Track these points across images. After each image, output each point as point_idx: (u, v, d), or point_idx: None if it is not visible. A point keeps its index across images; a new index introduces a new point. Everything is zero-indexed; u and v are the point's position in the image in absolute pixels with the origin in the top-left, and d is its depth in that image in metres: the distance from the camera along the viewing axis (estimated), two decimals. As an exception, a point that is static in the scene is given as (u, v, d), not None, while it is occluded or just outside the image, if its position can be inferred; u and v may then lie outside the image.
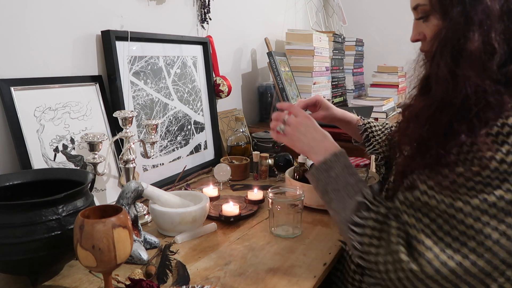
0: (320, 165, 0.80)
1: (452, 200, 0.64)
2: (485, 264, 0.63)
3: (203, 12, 1.57)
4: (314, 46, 1.95)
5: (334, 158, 0.80)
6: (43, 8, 1.03)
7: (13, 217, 0.70)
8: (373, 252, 0.69)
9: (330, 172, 0.79)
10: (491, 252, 0.62)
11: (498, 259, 0.63)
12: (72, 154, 1.05)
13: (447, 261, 0.63)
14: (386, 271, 0.67)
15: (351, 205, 0.74)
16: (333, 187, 0.78)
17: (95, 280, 0.79)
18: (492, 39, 0.65)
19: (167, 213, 0.97)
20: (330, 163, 0.79)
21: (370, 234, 0.70)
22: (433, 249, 0.64)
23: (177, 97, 1.41)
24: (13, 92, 0.95)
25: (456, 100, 0.66)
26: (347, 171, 0.78)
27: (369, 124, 1.15)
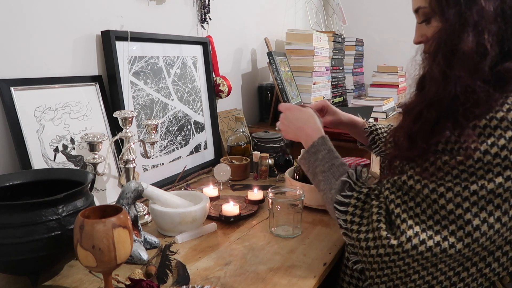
0: (309, 148, 0.88)
1: (435, 186, 0.67)
2: (464, 248, 0.65)
3: (203, 12, 1.57)
4: (314, 46, 1.95)
5: (321, 141, 0.87)
6: (43, 8, 1.03)
7: (13, 217, 0.70)
8: (355, 229, 0.73)
9: (317, 155, 0.86)
10: (471, 237, 0.65)
11: (477, 245, 0.66)
12: (72, 154, 1.05)
13: (426, 240, 0.66)
14: (367, 248, 0.71)
15: (336, 185, 0.79)
16: (320, 169, 0.84)
17: (95, 280, 0.79)
18: (485, 41, 0.66)
19: (167, 213, 0.97)
20: (318, 145, 0.87)
21: (352, 212, 0.75)
22: (414, 228, 0.67)
23: (177, 97, 1.41)
24: (13, 92, 0.95)
25: (444, 99, 0.68)
26: (332, 154, 0.85)
27: (374, 126, 1.17)
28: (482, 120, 0.64)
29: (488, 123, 0.64)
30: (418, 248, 0.66)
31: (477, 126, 0.65)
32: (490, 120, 0.64)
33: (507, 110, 0.64)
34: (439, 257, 0.66)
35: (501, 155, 0.63)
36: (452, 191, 0.65)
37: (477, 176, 0.64)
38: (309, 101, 1.96)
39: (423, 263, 0.68)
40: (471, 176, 0.65)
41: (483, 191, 0.64)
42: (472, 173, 0.65)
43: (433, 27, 0.74)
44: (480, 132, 0.64)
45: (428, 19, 0.75)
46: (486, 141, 0.64)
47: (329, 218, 1.10)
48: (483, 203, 0.64)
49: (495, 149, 0.63)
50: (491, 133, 0.64)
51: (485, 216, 0.64)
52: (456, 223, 0.65)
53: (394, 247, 0.67)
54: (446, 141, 0.67)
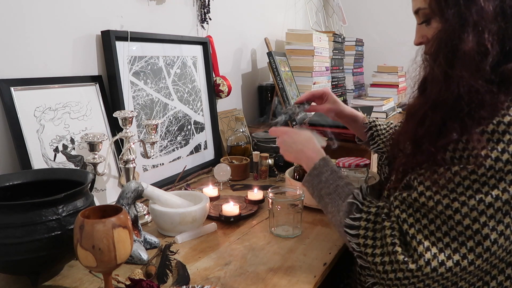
0: (311, 170, 0.86)
1: (449, 201, 0.65)
2: (483, 263, 0.64)
3: (203, 12, 1.57)
4: (314, 46, 1.95)
5: (323, 163, 0.85)
6: (43, 8, 1.03)
7: (13, 217, 0.70)
8: (369, 252, 0.71)
9: (321, 177, 0.84)
10: (489, 251, 0.63)
11: (496, 258, 0.64)
12: (72, 154, 1.05)
13: (445, 261, 0.64)
14: (384, 271, 0.68)
15: (344, 207, 0.77)
16: (326, 191, 0.82)
17: (95, 280, 0.79)
18: (486, 40, 0.65)
19: (167, 213, 0.97)
20: (320, 167, 0.85)
21: (363, 234, 0.72)
22: (431, 249, 0.65)
23: (177, 97, 1.41)
24: (13, 92, 0.95)
25: (448, 99, 0.67)
26: (335, 174, 0.83)
27: (374, 122, 1.15)
28: (490, 125, 0.63)
29: (496, 128, 0.63)
30: (438, 270, 0.64)
31: (485, 132, 0.63)
32: (497, 125, 0.63)
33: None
34: (459, 275, 0.65)
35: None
36: (467, 206, 0.63)
37: (490, 185, 0.63)
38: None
39: (443, 283, 0.66)
40: (483, 186, 0.63)
41: (498, 203, 0.63)
42: (484, 183, 0.63)
43: (433, 28, 0.74)
44: (489, 138, 0.63)
45: (428, 20, 0.75)
46: (496, 147, 0.62)
47: (329, 218, 1.09)
48: (500, 215, 0.63)
49: (506, 156, 0.62)
50: (499, 138, 0.63)
51: (502, 229, 0.63)
52: (473, 239, 0.63)
53: (413, 271, 0.65)
54: (454, 149, 0.65)
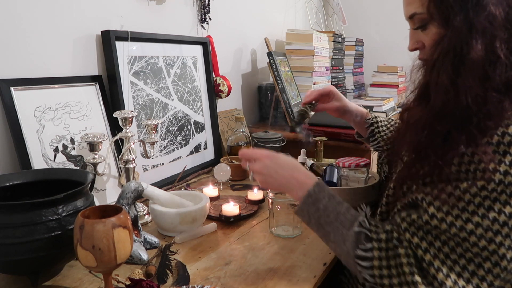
0: (305, 199, 0.77)
1: (462, 223, 0.62)
2: (501, 282, 0.63)
3: (203, 12, 1.57)
4: (314, 46, 1.95)
5: (318, 189, 0.77)
6: (43, 8, 1.03)
7: (13, 217, 0.70)
8: (386, 283, 0.67)
9: (318, 205, 0.75)
10: (506, 270, 0.61)
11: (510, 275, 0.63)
12: (72, 154, 1.05)
13: (466, 286, 0.62)
14: None
15: (350, 237, 0.71)
16: (325, 220, 0.75)
17: (95, 280, 0.79)
18: (497, 48, 0.63)
19: (167, 213, 0.97)
20: (315, 194, 0.76)
21: (378, 265, 0.68)
22: (451, 275, 0.63)
23: (177, 97, 1.41)
24: (13, 92, 0.95)
25: (456, 110, 0.65)
26: (334, 200, 0.76)
27: (376, 119, 1.14)
28: (494, 136, 0.61)
29: (501, 140, 0.61)
30: None
31: (490, 143, 0.61)
32: (502, 136, 0.61)
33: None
34: None
35: None
36: (481, 227, 0.61)
37: (501, 202, 0.61)
38: (309, 101, 1.96)
39: None
40: (495, 203, 0.61)
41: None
42: (495, 199, 0.61)
43: (431, 33, 0.72)
44: (494, 150, 0.61)
45: (425, 25, 0.73)
46: (504, 160, 0.60)
47: (329, 218, 1.09)
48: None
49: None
50: (506, 150, 0.61)
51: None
52: (490, 260, 0.61)
53: None
54: (460, 163, 0.63)
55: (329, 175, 1.17)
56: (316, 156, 1.46)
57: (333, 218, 0.74)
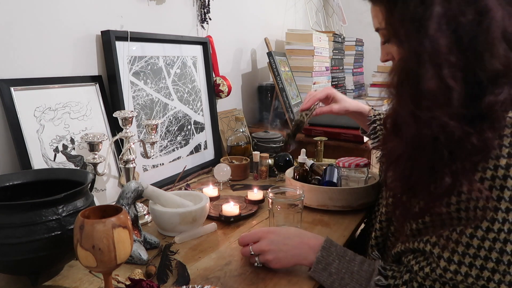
0: (315, 266, 0.76)
1: (478, 271, 0.60)
2: None
3: (203, 12, 1.57)
4: (314, 46, 1.95)
5: (326, 253, 0.76)
6: (43, 8, 1.03)
7: (13, 217, 0.70)
8: None
9: (329, 269, 0.74)
10: None
11: None
12: (72, 154, 1.05)
13: None
14: None
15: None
16: (340, 283, 0.73)
17: (95, 280, 0.79)
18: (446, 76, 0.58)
19: (167, 213, 0.97)
20: (324, 259, 0.75)
21: None
22: None
23: (177, 97, 1.41)
24: (13, 92, 0.95)
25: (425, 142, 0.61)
26: (344, 260, 0.74)
27: (379, 116, 1.14)
28: (487, 171, 0.59)
29: (495, 174, 0.59)
30: None
31: (484, 179, 0.59)
32: (495, 169, 0.59)
33: (507, 155, 0.59)
34: None
35: None
36: (498, 272, 0.59)
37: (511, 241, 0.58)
38: (309, 101, 1.96)
39: None
40: (506, 244, 0.59)
41: None
42: (505, 240, 0.59)
43: (395, 48, 0.71)
44: (491, 185, 0.59)
45: (388, 40, 0.74)
46: (502, 196, 0.58)
47: (329, 218, 1.10)
48: None
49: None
50: (502, 184, 0.58)
51: None
52: None
53: None
54: (458, 201, 0.62)
55: (329, 175, 1.17)
56: (316, 156, 1.46)
57: (348, 280, 0.72)
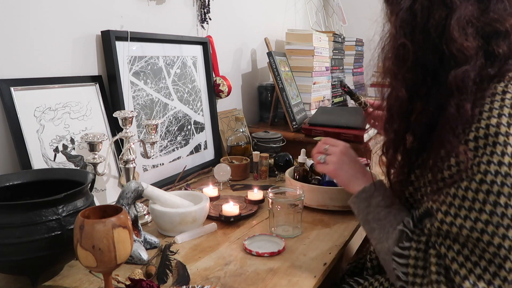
0: (359, 193, 0.83)
1: (472, 223, 0.62)
2: None
3: (203, 12, 1.57)
4: (314, 46, 1.95)
5: (376, 186, 0.82)
6: (43, 8, 1.03)
7: (13, 217, 0.70)
8: (418, 282, 0.68)
9: (370, 201, 0.80)
10: None
11: None
12: (72, 154, 1.05)
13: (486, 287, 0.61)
14: None
15: (394, 235, 0.73)
16: (374, 216, 0.78)
17: (95, 280, 0.79)
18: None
19: (167, 213, 0.97)
20: (370, 191, 0.81)
21: (413, 264, 0.69)
22: (469, 277, 0.62)
23: (177, 97, 1.41)
24: (13, 92, 0.95)
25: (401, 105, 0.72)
26: (388, 200, 0.79)
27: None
28: (470, 133, 0.62)
29: (487, 132, 0.61)
30: None
31: (468, 141, 0.62)
32: (487, 128, 0.62)
33: (497, 115, 0.62)
34: None
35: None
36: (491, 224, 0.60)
37: (505, 195, 0.60)
38: (309, 101, 1.96)
39: None
40: (499, 197, 0.60)
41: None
42: (499, 193, 0.60)
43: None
44: (476, 146, 0.62)
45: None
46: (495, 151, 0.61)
47: (329, 218, 1.10)
48: None
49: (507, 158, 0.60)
50: (494, 141, 0.61)
51: None
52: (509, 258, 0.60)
53: None
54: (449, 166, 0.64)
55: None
56: (316, 156, 1.46)
57: (383, 216, 0.77)
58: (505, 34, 0.66)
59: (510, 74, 0.65)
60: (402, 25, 0.70)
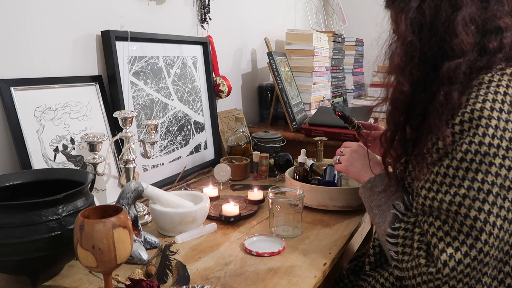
0: (365, 184, 0.91)
1: (451, 197, 0.67)
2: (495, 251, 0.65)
3: (203, 12, 1.57)
4: (314, 46, 1.95)
5: (378, 177, 0.89)
6: (43, 8, 1.03)
7: (13, 217, 0.70)
8: (406, 259, 0.73)
9: (374, 189, 0.88)
10: (498, 238, 0.65)
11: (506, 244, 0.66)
12: (72, 154, 1.05)
13: (463, 259, 0.65)
14: (413, 276, 0.71)
15: (389, 217, 0.80)
16: (376, 203, 0.86)
17: (95, 280, 0.79)
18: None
19: (167, 213, 0.97)
20: (374, 181, 0.89)
21: (402, 243, 0.75)
22: (446, 250, 0.66)
23: (177, 97, 1.41)
24: (13, 92, 0.95)
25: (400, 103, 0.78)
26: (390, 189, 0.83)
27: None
28: (456, 118, 0.67)
29: (471, 116, 0.66)
30: (457, 269, 0.65)
31: (454, 124, 0.67)
32: (462, 115, 0.67)
33: (482, 101, 0.67)
34: (478, 269, 0.66)
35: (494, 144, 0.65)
36: (468, 197, 0.65)
37: (483, 172, 0.65)
38: (309, 101, 1.97)
39: (467, 281, 0.66)
40: (477, 173, 0.65)
41: (495, 188, 0.64)
42: (477, 170, 0.65)
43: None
44: (461, 129, 0.67)
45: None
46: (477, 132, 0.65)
47: (329, 218, 1.10)
48: (500, 201, 0.64)
49: (488, 139, 0.65)
50: (470, 126, 0.66)
51: (504, 214, 0.65)
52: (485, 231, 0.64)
53: (434, 274, 0.67)
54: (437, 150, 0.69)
55: (329, 175, 1.17)
56: (316, 156, 1.46)
57: (383, 203, 0.84)
58: (498, 30, 0.72)
59: (498, 67, 0.71)
60: (412, 23, 0.74)
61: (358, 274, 1.03)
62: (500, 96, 0.67)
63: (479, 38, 0.72)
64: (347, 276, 1.05)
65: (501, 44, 0.71)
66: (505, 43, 0.71)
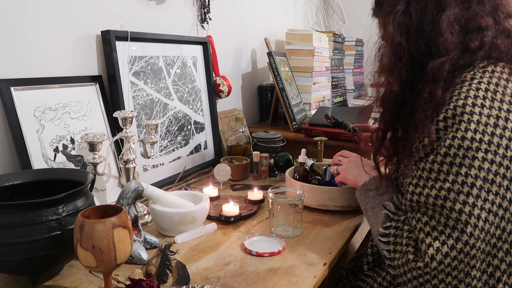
0: (360, 187, 0.94)
1: (436, 192, 0.68)
2: (482, 244, 0.67)
3: (203, 12, 1.57)
4: (314, 46, 1.95)
5: (372, 180, 0.92)
6: (43, 8, 1.03)
7: (13, 217, 0.70)
8: (397, 257, 0.75)
9: (368, 193, 0.90)
10: (484, 231, 0.66)
11: (493, 237, 0.67)
12: (72, 154, 1.05)
13: (449, 252, 0.66)
14: (404, 273, 0.72)
15: (381, 218, 0.82)
16: (370, 205, 0.88)
17: (95, 280, 0.79)
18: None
19: (167, 213, 0.97)
20: (368, 184, 0.92)
21: (393, 241, 0.77)
22: (433, 244, 0.68)
23: (177, 97, 1.41)
24: (13, 92, 0.95)
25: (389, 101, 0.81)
26: (381, 191, 0.86)
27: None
28: (449, 111, 0.69)
29: (454, 112, 0.69)
30: (444, 261, 0.67)
31: (438, 121, 0.69)
32: (454, 109, 0.69)
33: (464, 98, 0.69)
34: (466, 262, 0.67)
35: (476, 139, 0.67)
36: (453, 191, 0.67)
37: (466, 166, 0.67)
38: (309, 101, 1.96)
39: (456, 275, 0.67)
40: (461, 167, 0.67)
41: (478, 181, 0.66)
42: (460, 164, 0.67)
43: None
44: (445, 125, 0.69)
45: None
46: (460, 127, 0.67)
47: (329, 218, 1.10)
48: (484, 193, 0.66)
49: (470, 134, 0.67)
50: (460, 119, 0.68)
51: (489, 207, 0.66)
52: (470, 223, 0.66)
53: (422, 268, 0.68)
54: (424, 146, 0.71)
55: (329, 175, 1.17)
56: (316, 156, 1.46)
57: (376, 204, 0.86)
58: (479, 30, 0.75)
59: (480, 64, 0.73)
60: (399, 25, 0.77)
61: (357, 274, 1.04)
62: (482, 93, 0.69)
63: (462, 37, 0.75)
64: (346, 276, 1.05)
65: (482, 43, 0.74)
66: (486, 41, 0.74)
